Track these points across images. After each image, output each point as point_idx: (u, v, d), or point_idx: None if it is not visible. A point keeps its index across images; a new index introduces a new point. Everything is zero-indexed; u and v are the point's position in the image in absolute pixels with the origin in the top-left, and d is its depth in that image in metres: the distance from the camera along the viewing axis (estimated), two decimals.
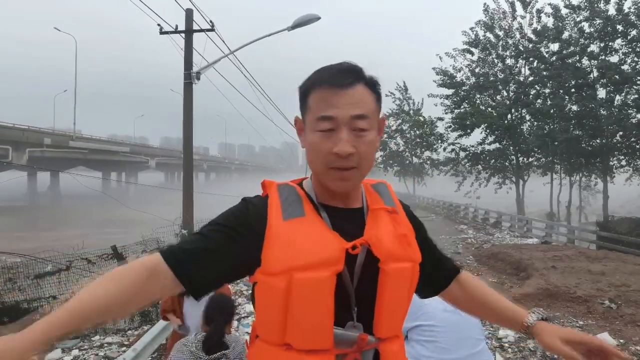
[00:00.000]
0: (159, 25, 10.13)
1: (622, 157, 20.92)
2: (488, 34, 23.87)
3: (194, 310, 2.73)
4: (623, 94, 19.96)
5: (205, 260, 0.91)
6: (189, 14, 10.25)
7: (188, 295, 2.98)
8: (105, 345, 5.82)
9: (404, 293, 0.99)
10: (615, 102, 20.07)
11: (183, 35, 10.33)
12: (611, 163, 20.84)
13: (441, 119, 27.21)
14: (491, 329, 5.75)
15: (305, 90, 0.96)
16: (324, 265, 0.89)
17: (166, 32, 10.29)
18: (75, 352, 5.56)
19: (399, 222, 1.02)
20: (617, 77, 19.04)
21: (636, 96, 19.31)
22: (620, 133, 20.03)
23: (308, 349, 0.90)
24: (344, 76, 0.92)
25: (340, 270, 0.91)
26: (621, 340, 5.34)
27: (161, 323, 4.41)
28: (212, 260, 0.91)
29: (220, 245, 0.91)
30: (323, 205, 0.98)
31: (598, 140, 20.52)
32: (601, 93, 20.42)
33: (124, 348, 5.41)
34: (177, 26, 10.37)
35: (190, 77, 10.13)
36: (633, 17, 18.60)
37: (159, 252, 0.92)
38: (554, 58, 21.31)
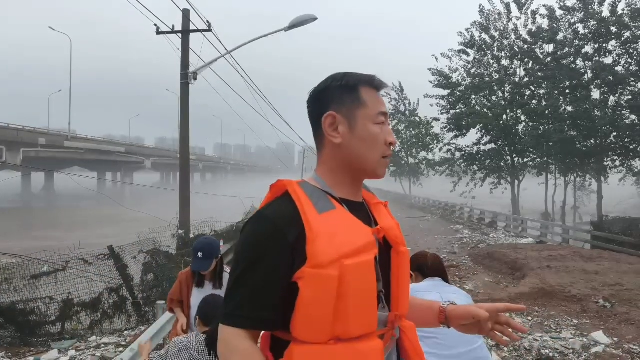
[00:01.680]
0: (155, 25, 10.10)
1: (616, 157, 21.11)
2: (483, 35, 23.98)
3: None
4: (617, 95, 20.15)
5: (282, 299, 0.93)
6: (185, 14, 10.22)
7: (200, 286, 2.87)
8: (102, 345, 5.81)
9: (409, 273, 1.14)
10: (609, 103, 20.26)
11: (180, 35, 10.31)
12: (605, 163, 21.01)
13: (437, 119, 27.29)
14: None
15: (354, 86, 1.05)
16: (366, 250, 0.96)
17: (163, 32, 10.25)
18: (72, 352, 5.54)
19: (391, 214, 1.17)
20: (611, 78, 19.20)
21: (630, 97, 19.48)
22: (614, 134, 20.21)
23: (358, 335, 0.93)
24: (381, 82, 1.08)
25: (377, 253, 1.00)
26: (615, 339, 5.39)
27: (158, 323, 4.40)
28: (283, 294, 0.93)
29: (280, 278, 0.93)
30: (341, 199, 1.04)
31: (592, 141, 20.69)
32: (595, 94, 20.61)
33: (120, 348, 5.40)
34: (173, 26, 10.34)
35: (186, 78, 10.10)
36: (627, 19, 18.76)
37: (248, 327, 0.94)
38: (548, 59, 21.47)
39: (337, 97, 1.04)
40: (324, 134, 1.06)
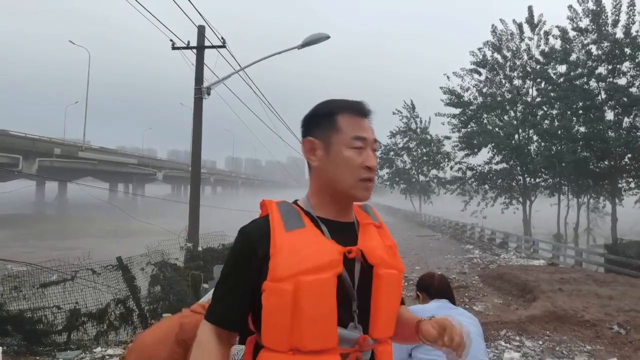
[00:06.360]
0: (171, 40, 10.33)
1: (631, 179, 20.76)
2: (496, 55, 24.07)
3: None
4: (631, 116, 19.93)
5: (245, 305, 1.06)
6: (201, 30, 10.45)
7: None
8: (107, 357, 5.79)
9: (395, 297, 1.13)
10: (624, 124, 20.03)
11: (194, 51, 10.52)
12: (620, 185, 20.68)
13: (448, 137, 27.29)
14: (496, 351, 5.67)
15: (331, 113, 1.12)
16: (326, 268, 1.00)
17: (178, 48, 10.49)
18: None
19: (386, 236, 1.18)
20: (625, 99, 19.04)
21: None
22: (629, 155, 19.93)
23: (315, 349, 0.99)
24: (366, 108, 1.14)
25: (340, 271, 1.02)
26: None
27: None
28: (247, 301, 1.05)
29: (245, 287, 1.05)
30: (320, 218, 1.10)
31: (606, 162, 20.42)
32: (609, 115, 20.42)
33: None
34: (189, 42, 10.57)
35: (200, 92, 10.28)
36: None
37: (214, 322, 1.06)
38: (561, 79, 21.40)
39: (318, 123, 1.13)
40: None
